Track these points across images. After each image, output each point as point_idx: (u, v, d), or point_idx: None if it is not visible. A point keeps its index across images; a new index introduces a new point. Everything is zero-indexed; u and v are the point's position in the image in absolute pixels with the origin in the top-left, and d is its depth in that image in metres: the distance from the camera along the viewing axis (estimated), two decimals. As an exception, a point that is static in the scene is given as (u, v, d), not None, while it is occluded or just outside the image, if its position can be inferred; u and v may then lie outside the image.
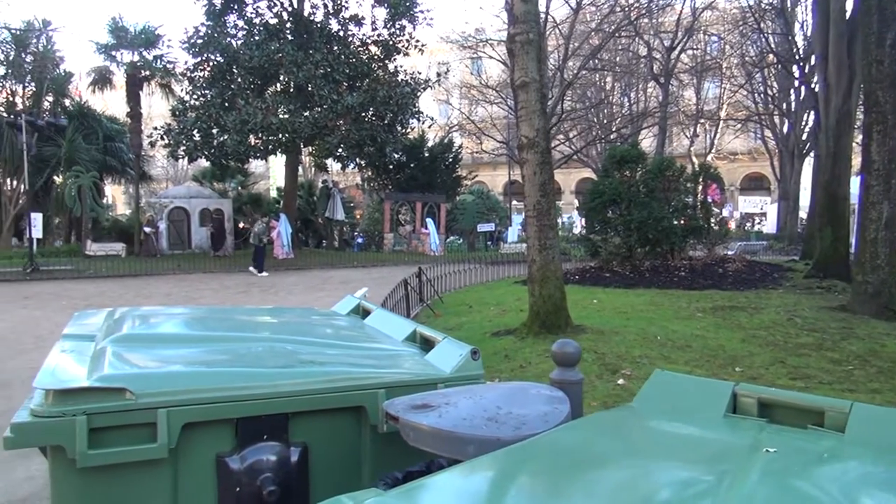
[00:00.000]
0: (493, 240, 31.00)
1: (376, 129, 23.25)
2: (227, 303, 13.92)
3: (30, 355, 8.66)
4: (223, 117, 21.44)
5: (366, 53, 24.47)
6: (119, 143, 28.43)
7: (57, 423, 1.78)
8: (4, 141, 23.88)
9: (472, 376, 2.25)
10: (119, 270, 19.58)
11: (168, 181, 43.70)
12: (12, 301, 13.95)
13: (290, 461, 2.03)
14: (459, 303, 12.10)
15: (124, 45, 25.07)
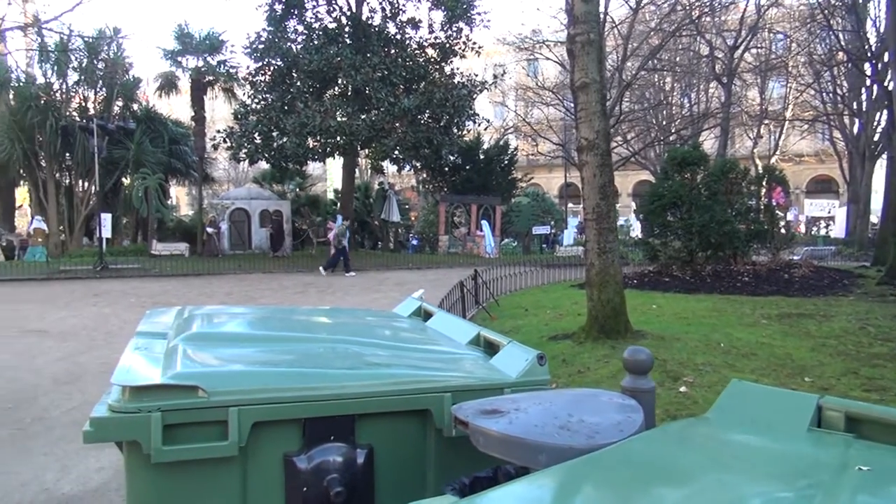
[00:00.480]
0: (548, 242, 30.73)
1: (432, 131, 23.37)
2: (285, 302, 14.18)
3: (100, 351, 8.98)
4: (283, 120, 21.88)
5: (422, 56, 24.62)
6: (183, 146, 29.33)
7: (133, 418, 1.83)
8: (77, 144, 24.88)
9: (539, 381, 2.22)
10: (182, 269, 20.17)
11: (229, 183, 44.83)
12: (83, 298, 14.52)
13: (357, 463, 2.04)
14: (515, 306, 12.02)
15: (189, 50, 25.86)
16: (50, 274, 19.26)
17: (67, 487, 4.53)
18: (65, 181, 27.61)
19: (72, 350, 8.99)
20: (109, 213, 24.16)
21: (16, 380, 7.40)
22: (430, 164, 26.42)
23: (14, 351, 8.90)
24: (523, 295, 13.69)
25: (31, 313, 12.26)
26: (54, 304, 13.60)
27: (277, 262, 22.99)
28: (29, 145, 25.31)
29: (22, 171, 26.72)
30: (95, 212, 23.02)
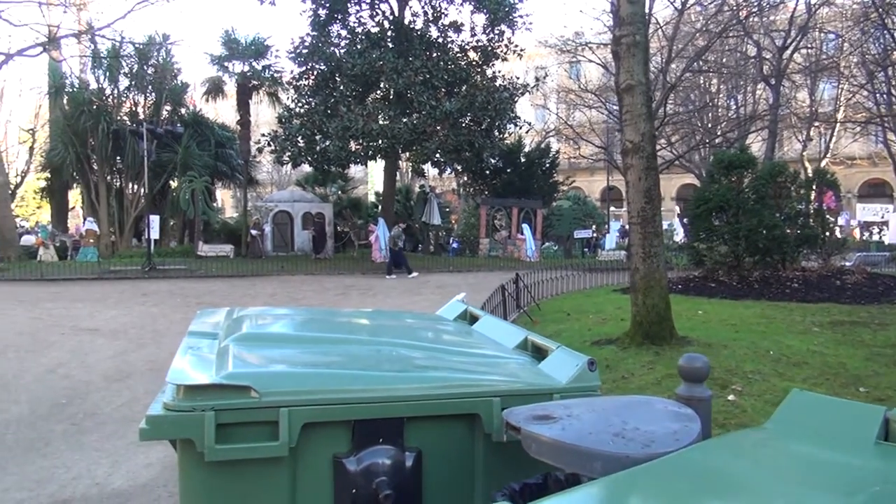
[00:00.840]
0: (590, 246, 30.43)
1: (474, 134, 23.36)
2: (326, 304, 14.33)
3: (148, 349, 9.20)
4: (326, 124, 22.13)
5: (464, 59, 24.65)
6: (229, 150, 29.89)
7: (187, 417, 1.85)
8: (127, 148, 25.58)
9: (589, 387, 2.18)
10: (227, 271, 20.54)
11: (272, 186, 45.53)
12: (132, 297, 14.89)
13: (405, 466, 2.03)
14: (557, 310, 11.93)
15: (236, 56, 26.36)
16: (100, 274, 19.81)
17: (118, 482, 4.63)
18: (115, 184, 28.38)
19: (121, 348, 9.22)
20: (158, 214, 24.75)
21: (69, 377, 7.63)
22: (472, 168, 26.42)
23: (68, 349, 9.16)
24: (565, 299, 13.59)
25: (83, 312, 12.62)
26: (105, 303, 13.98)
27: (319, 263, 23.25)
28: (82, 149, 26.10)
29: (75, 174, 27.53)
30: (144, 213, 23.60)
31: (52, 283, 18.21)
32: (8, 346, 9.30)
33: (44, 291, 16.10)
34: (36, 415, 6.20)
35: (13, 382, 7.35)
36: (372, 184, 43.15)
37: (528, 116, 27.57)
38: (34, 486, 4.56)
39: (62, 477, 4.73)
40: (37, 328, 10.78)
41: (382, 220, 24.90)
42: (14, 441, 5.51)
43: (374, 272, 21.22)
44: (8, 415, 6.18)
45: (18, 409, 6.37)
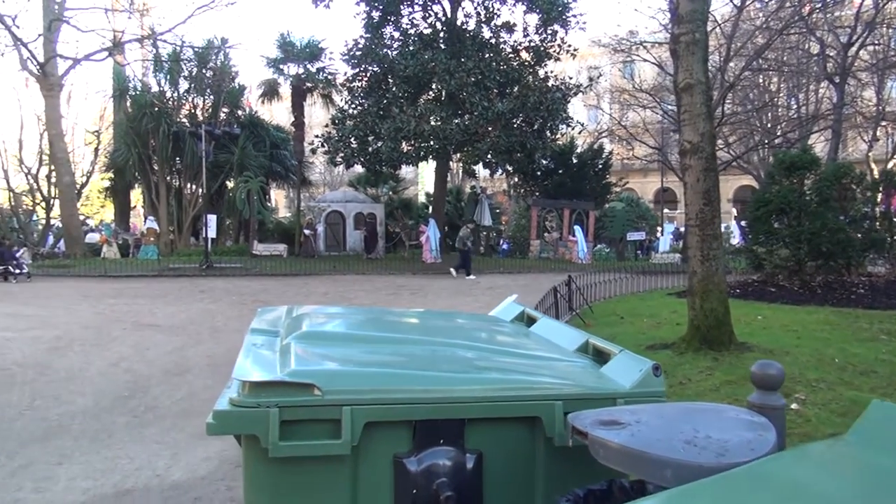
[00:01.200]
0: (643, 249, 29.93)
1: (526, 135, 23.24)
2: (378, 303, 14.42)
3: (206, 345, 9.41)
4: (378, 125, 22.32)
5: (516, 60, 24.55)
6: (283, 151, 30.41)
7: (252, 413, 1.88)
8: (186, 149, 26.27)
9: (654, 393, 2.13)
10: (281, 269, 20.90)
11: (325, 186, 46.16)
12: (190, 294, 15.29)
13: (466, 467, 2.02)
14: (610, 313, 11.75)
15: (291, 58, 26.81)
16: (160, 271, 20.40)
17: (177, 474, 4.75)
18: (175, 184, 29.19)
19: (180, 344, 9.46)
20: (215, 214, 25.34)
21: (131, 370, 7.86)
22: (523, 168, 26.28)
23: (130, 343, 9.45)
24: (618, 302, 13.39)
25: (143, 308, 13.01)
26: (164, 299, 14.38)
27: (371, 263, 23.45)
28: (143, 150, 26.93)
29: (137, 175, 28.41)
30: (202, 213, 24.21)
31: (115, 279, 18.84)
32: (74, 339, 9.64)
33: (107, 287, 16.66)
34: (100, 407, 6.41)
35: (79, 375, 7.61)
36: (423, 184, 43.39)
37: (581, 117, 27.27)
38: (99, 476, 4.70)
39: (125, 467, 4.87)
40: (100, 323, 11.16)
41: (433, 221, 24.98)
42: (80, 431, 5.70)
43: (425, 272, 21.29)
44: (74, 406, 6.40)
45: (84, 400, 6.59)
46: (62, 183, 25.36)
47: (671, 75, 25.77)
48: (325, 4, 24.45)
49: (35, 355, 8.52)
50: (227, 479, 4.65)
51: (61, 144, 25.23)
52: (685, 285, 13.77)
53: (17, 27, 23.59)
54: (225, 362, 8.22)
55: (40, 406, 6.40)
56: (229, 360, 8.23)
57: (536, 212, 27.31)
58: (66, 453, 5.14)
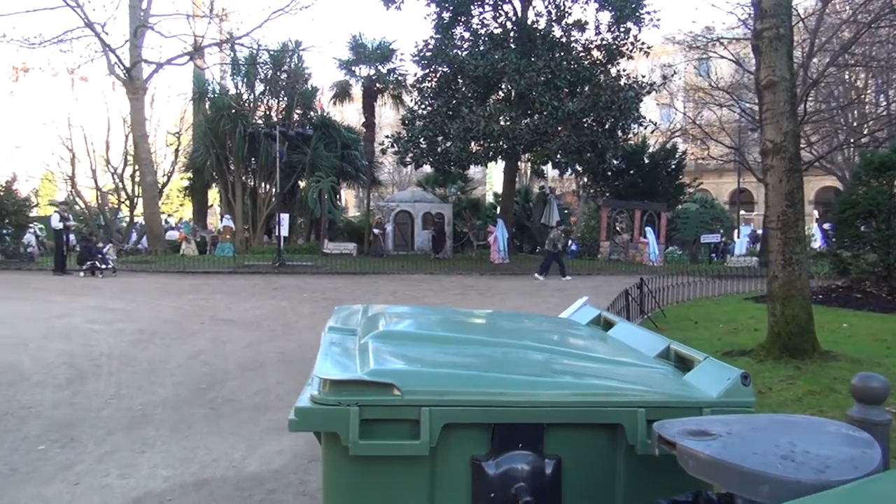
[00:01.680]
0: (717, 252, 29.04)
1: (596, 135, 22.88)
2: (446, 303, 14.47)
3: (279, 341, 9.64)
4: (448, 125, 22.38)
5: (588, 58, 24.19)
6: (354, 151, 30.90)
7: (333, 411, 1.89)
8: (261, 149, 27.02)
9: (743, 403, 2.04)
10: (350, 268, 21.23)
11: (393, 186, 46.67)
12: (264, 291, 15.70)
13: (545, 473, 1.99)
14: (683, 317, 11.45)
15: (362, 60, 27.22)
16: (235, 268, 21.05)
17: (252, 466, 4.87)
18: (249, 183, 30.07)
19: (255, 339, 9.72)
20: (287, 213, 25.98)
21: (209, 364, 8.12)
22: (593, 169, 25.89)
23: (208, 338, 9.78)
24: (691, 306, 13.04)
25: (220, 303, 13.43)
26: (239, 295, 14.82)
27: (439, 263, 23.56)
28: (221, 151, 27.86)
29: (214, 174, 29.42)
30: (275, 212, 24.87)
31: (193, 275, 19.53)
32: (155, 333, 10.04)
33: (186, 283, 17.29)
34: (179, 398, 6.64)
35: (160, 367, 7.92)
36: (491, 184, 43.33)
37: (654, 116, 26.66)
38: (179, 465, 4.87)
39: (203, 458, 5.03)
40: (180, 317, 11.58)
41: (501, 221, 24.90)
42: (161, 421, 5.92)
43: (493, 273, 21.24)
44: (156, 397, 6.66)
45: (164, 392, 6.84)
46: (145, 182, 26.47)
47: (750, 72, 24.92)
48: (397, 6, 24.71)
49: (120, 347, 8.91)
50: (299, 472, 4.74)
51: (145, 145, 26.33)
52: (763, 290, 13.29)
53: (106, 34, 24.77)
54: (297, 358, 8.41)
55: (125, 396, 6.69)
56: (301, 356, 8.46)
57: (606, 213, 26.86)
58: (149, 442, 5.35)
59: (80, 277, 18.62)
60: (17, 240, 22.66)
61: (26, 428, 5.67)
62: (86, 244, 20.30)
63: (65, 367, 7.80)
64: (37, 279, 18.02)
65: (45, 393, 6.73)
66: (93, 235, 22.87)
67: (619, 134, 24.03)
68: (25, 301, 13.28)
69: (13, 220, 22.33)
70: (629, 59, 24.49)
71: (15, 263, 21.35)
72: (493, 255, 24.19)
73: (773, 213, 7.38)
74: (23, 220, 22.93)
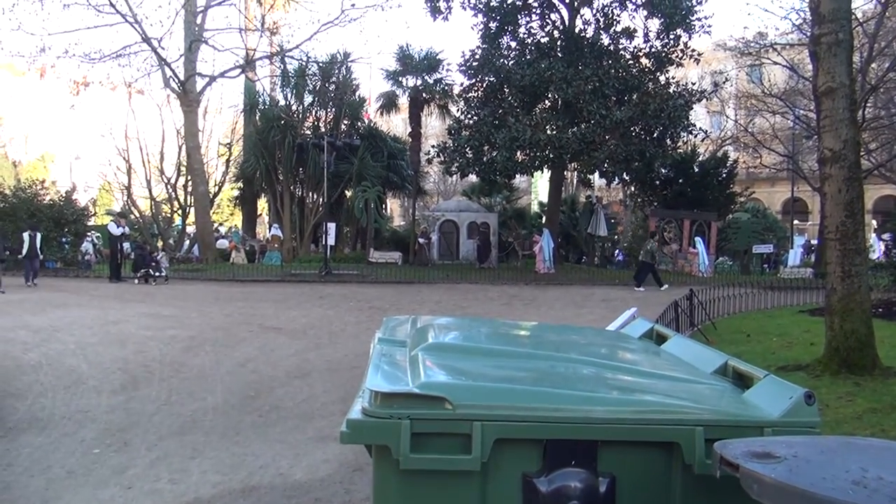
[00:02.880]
0: (769, 263, 28.29)
1: (645, 143, 22.57)
2: (491, 313, 14.42)
3: (325, 349, 9.73)
4: (494, 135, 22.36)
5: (636, 66, 23.90)
6: (400, 161, 31.10)
7: (385, 424, 1.89)
8: (309, 159, 27.41)
9: (807, 424, 1.96)
10: (395, 277, 21.34)
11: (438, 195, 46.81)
12: (310, 300, 15.89)
13: (598, 491, 1.94)
14: (735, 330, 11.20)
15: (409, 70, 27.39)
16: (283, 276, 21.36)
17: (299, 474, 4.91)
18: (297, 193, 30.53)
19: (301, 347, 9.84)
20: (334, 222, 26.27)
21: (257, 371, 8.24)
22: (641, 178, 25.53)
23: (256, 345, 9.93)
24: (743, 319, 12.75)
25: (268, 311, 13.64)
26: (286, 304, 15.02)
27: (483, 273, 23.50)
28: (270, 161, 28.35)
29: (264, 184, 29.96)
30: (322, 221, 25.17)
31: (242, 283, 19.90)
32: (206, 340, 10.24)
33: (235, 291, 17.62)
34: (229, 405, 6.75)
35: (210, 374, 8.07)
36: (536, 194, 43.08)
37: (704, 124, 26.20)
38: (228, 471, 4.94)
39: (251, 465, 5.09)
40: (229, 325, 11.79)
41: (547, 231, 24.72)
42: (211, 427, 6.02)
43: (538, 283, 21.10)
44: (206, 403, 6.79)
45: (214, 398, 6.97)
46: (197, 192, 27.12)
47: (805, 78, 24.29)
48: (444, 17, 24.82)
49: (171, 353, 9.12)
50: (345, 482, 4.76)
51: (198, 156, 27.00)
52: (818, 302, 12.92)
53: (163, 48, 25.50)
54: (343, 367, 8.47)
55: (176, 402, 6.83)
56: (347, 365, 8.51)
57: (655, 222, 26.44)
58: (199, 448, 5.45)
59: (135, 285, 19.16)
60: (76, 248, 23.43)
61: (83, 432, 5.83)
62: (140, 252, 20.89)
63: (119, 372, 8.01)
64: (94, 286, 18.59)
65: (100, 398, 6.92)
66: (146, 244, 23.52)
67: (668, 142, 23.65)
68: (83, 308, 13.71)
69: (72, 229, 23.12)
70: (679, 66, 24.12)
71: (73, 271, 22.07)
72: (538, 264, 24.03)
73: (831, 223, 7.15)
74: (81, 228, 23.73)
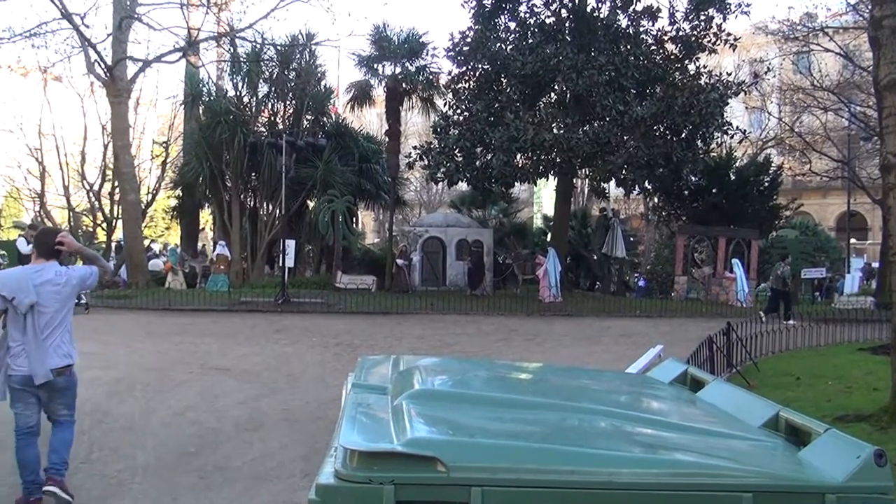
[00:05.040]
0: (822, 290, 28.55)
1: (671, 145, 22.74)
2: (485, 351, 14.44)
3: (282, 395, 9.67)
4: (489, 134, 22.46)
5: (660, 53, 24.19)
6: (374, 165, 31.16)
7: (364, 490, 1.86)
8: (264, 162, 27.35)
9: (877, 489, 1.96)
10: (369, 306, 21.28)
11: (421, 207, 46.93)
12: (264, 334, 15.81)
13: (624, 574, 1.92)
14: (781, 372, 11.35)
15: (386, 56, 27.51)
16: (231, 305, 21.25)
17: (251, 552, 4.85)
18: (249, 203, 30.47)
19: (253, 392, 9.77)
20: (293, 239, 26.16)
21: (198, 422, 8.17)
22: (667, 187, 25.71)
23: (196, 390, 9.85)
24: (791, 358, 12.92)
25: (212, 348, 13.56)
26: (235, 338, 14.94)
27: (476, 301, 23.49)
28: (216, 164, 28.26)
29: (208, 192, 29.84)
30: (279, 238, 25.09)
31: (180, 313, 19.77)
32: (135, 382, 10.14)
33: (171, 322, 17.50)
34: (163, 463, 6.68)
35: (140, 425, 7.98)
36: (540, 206, 43.35)
37: (742, 122, 26.48)
38: (162, 549, 4.87)
39: (191, 540, 5.02)
40: (164, 364, 11.70)
41: (553, 251, 24.80)
42: (140, 492, 5.95)
43: (542, 314, 21.14)
44: (134, 461, 6.70)
45: (145, 456, 6.89)
46: (126, 201, 26.98)
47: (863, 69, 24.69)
48: (428, -9, 25.04)
49: (93, 399, 9.00)
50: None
51: (127, 158, 26.87)
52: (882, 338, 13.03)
53: (87, 27, 25.37)
54: (305, 417, 8.42)
55: (98, 460, 6.75)
56: (310, 415, 8.46)
57: (683, 241, 26.62)
58: (127, 519, 5.37)
59: (48, 315, 18.96)
60: (-25, 269, 23.24)
61: (-22, 499, 5.74)
62: (55, 275, 20.67)
63: (28, 423, 7.89)
64: (-4, 316, 18.39)
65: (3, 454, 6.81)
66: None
67: (699, 144, 23.86)
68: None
69: (-30, 246, 22.93)
70: (711, 53, 24.40)
71: (-29, 297, 21.84)
72: (542, 291, 24.08)
73: (895, 242, 7.24)
74: (-19, 245, 23.54)
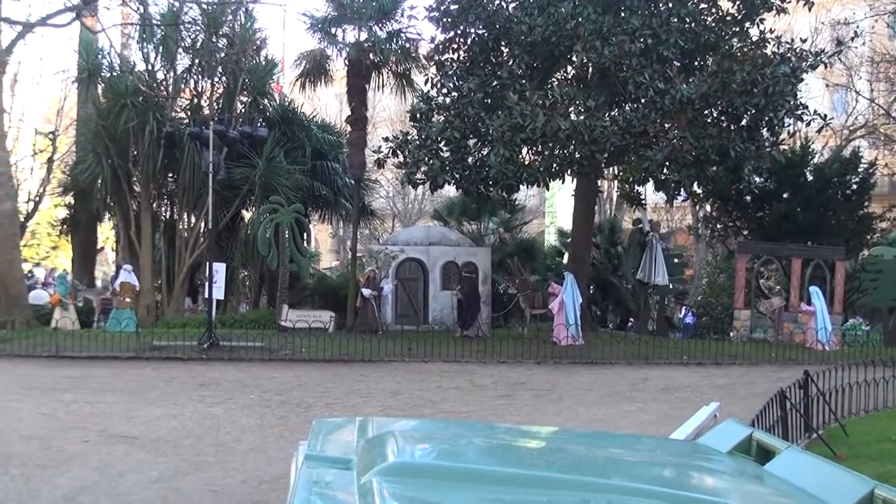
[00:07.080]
0: (929, 328, 28.65)
1: (728, 135, 22.80)
2: (481, 412, 14.43)
3: (209, 472, 9.63)
4: (485, 120, 22.48)
5: (711, 13, 24.33)
6: (332, 163, 31.17)
7: None
8: (185, 159, 27.25)
9: None
10: (324, 353, 21.15)
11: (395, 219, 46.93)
12: (184, 390, 15.74)
13: None
14: (877, 437, 11.44)
15: (348, 17, 27.41)
16: (139, 351, 21.10)
17: None
18: (164, 214, 30.38)
19: (170, 468, 9.72)
20: (223, 262, 25.98)
21: (96, 509, 8.12)
22: (722, 191, 25.85)
23: (93, 465, 9.78)
24: (890, 419, 12.95)
25: (115, 409, 13.48)
26: (146, 396, 14.87)
27: (468, 345, 23.42)
28: (120, 161, 28.11)
29: (108, 199, 29.66)
30: (204, 260, 24.99)
31: (72, 361, 19.63)
32: (11, 455, 10.07)
33: (60, 374, 17.39)
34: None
35: (17, 515, 7.91)
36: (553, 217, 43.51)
37: (821, 105, 26.73)
38: None
39: None
40: (50, 431, 11.61)
41: (572, 277, 24.84)
42: None
43: (557, 360, 21.11)
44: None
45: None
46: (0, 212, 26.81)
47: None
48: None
49: (-47, 480, 8.94)
50: None
51: (2, 153, 26.76)
52: None
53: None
54: (239, 501, 8.37)
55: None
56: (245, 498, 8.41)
57: (745, 263, 26.76)
58: None
59: None
60: None
61: None
62: None
63: None
64: None
65: None
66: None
67: (765, 134, 24.00)
68: None
69: None
70: (780, 13, 24.55)
71: None
72: (557, 331, 24.08)
73: None
74: None
